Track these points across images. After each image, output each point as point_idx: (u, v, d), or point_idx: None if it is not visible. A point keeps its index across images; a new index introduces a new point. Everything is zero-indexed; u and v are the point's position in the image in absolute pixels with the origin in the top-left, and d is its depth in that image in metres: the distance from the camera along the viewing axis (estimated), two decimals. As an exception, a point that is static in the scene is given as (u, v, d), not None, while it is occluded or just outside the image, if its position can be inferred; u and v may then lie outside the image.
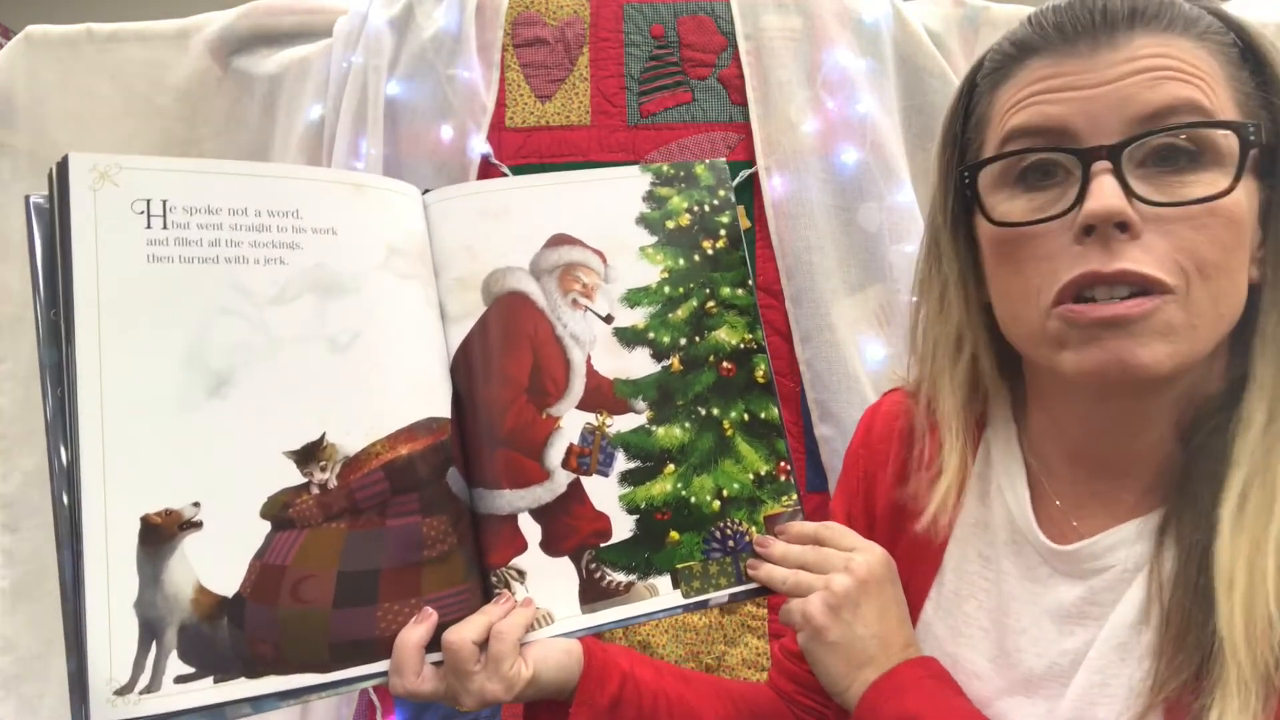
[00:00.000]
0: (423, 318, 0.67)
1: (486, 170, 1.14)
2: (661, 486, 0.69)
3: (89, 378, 0.56)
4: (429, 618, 0.62)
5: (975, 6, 1.21)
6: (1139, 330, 0.54)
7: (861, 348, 1.13)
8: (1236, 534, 0.53)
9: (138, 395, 0.57)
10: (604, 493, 0.68)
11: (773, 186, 1.13)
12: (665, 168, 0.75)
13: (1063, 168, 0.57)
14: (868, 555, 0.65)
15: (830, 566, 0.65)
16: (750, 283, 0.74)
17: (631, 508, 0.68)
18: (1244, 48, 0.57)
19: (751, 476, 0.71)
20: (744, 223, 1.15)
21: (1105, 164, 0.55)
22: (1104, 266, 0.54)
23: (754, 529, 0.70)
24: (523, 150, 1.15)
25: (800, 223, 1.12)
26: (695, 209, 0.74)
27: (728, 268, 0.74)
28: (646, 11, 1.17)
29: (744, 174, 1.14)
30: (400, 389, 0.64)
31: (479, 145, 1.13)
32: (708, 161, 0.76)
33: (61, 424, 0.56)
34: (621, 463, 0.69)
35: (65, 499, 0.55)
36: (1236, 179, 0.53)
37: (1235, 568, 0.53)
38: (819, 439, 1.13)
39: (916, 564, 0.69)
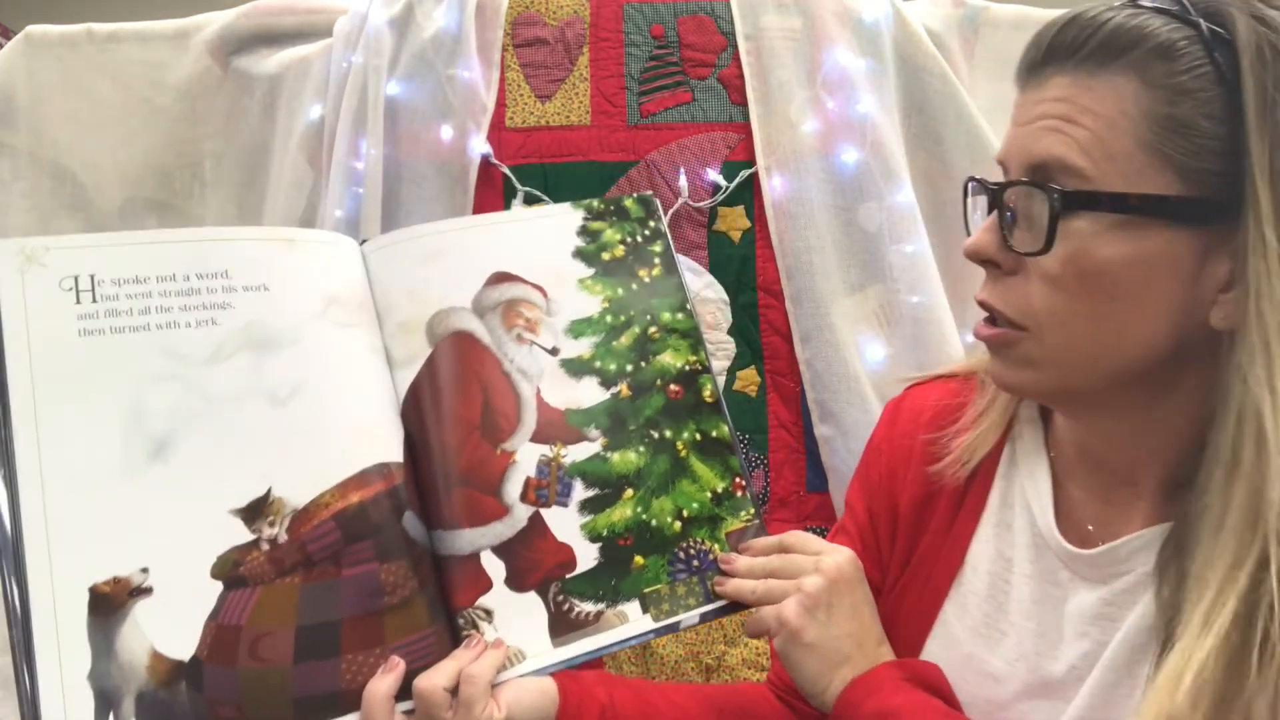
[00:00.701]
0: (366, 364, 0.67)
1: (486, 170, 1.14)
2: (621, 512, 0.69)
3: (27, 453, 0.57)
4: (396, 667, 0.61)
5: (975, 6, 1.21)
6: (1002, 356, 0.60)
7: (861, 348, 1.13)
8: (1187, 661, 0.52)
9: (77, 466, 0.58)
10: (565, 523, 0.68)
11: (773, 186, 1.13)
12: (595, 203, 0.76)
13: None
14: (835, 556, 0.66)
15: (800, 570, 0.65)
16: (689, 306, 0.75)
17: (594, 536, 0.68)
18: (1222, 71, 0.53)
19: (709, 495, 0.72)
20: (744, 223, 1.15)
21: (992, 204, 0.59)
22: (978, 294, 0.60)
23: (716, 546, 0.70)
24: (523, 150, 1.15)
25: (800, 223, 1.12)
26: (628, 240, 0.76)
27: (665, 294, 0.75)
28: (646, 11, 1.17)
29: (744, 174, 1.14)
30: (347, 437, 0.64)
31: (479, 145, 1.13)
32: (635, 195, 0.78)
33: (2, 500, 0.56)
34: (580, 492, 0.69)
35: (13, 575, 0.55)
36: (1049, 240, 0.55)
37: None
38: (819, 439, 1.13)
39: (937, 562, 0.69)
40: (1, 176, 1.17)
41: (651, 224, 0.77)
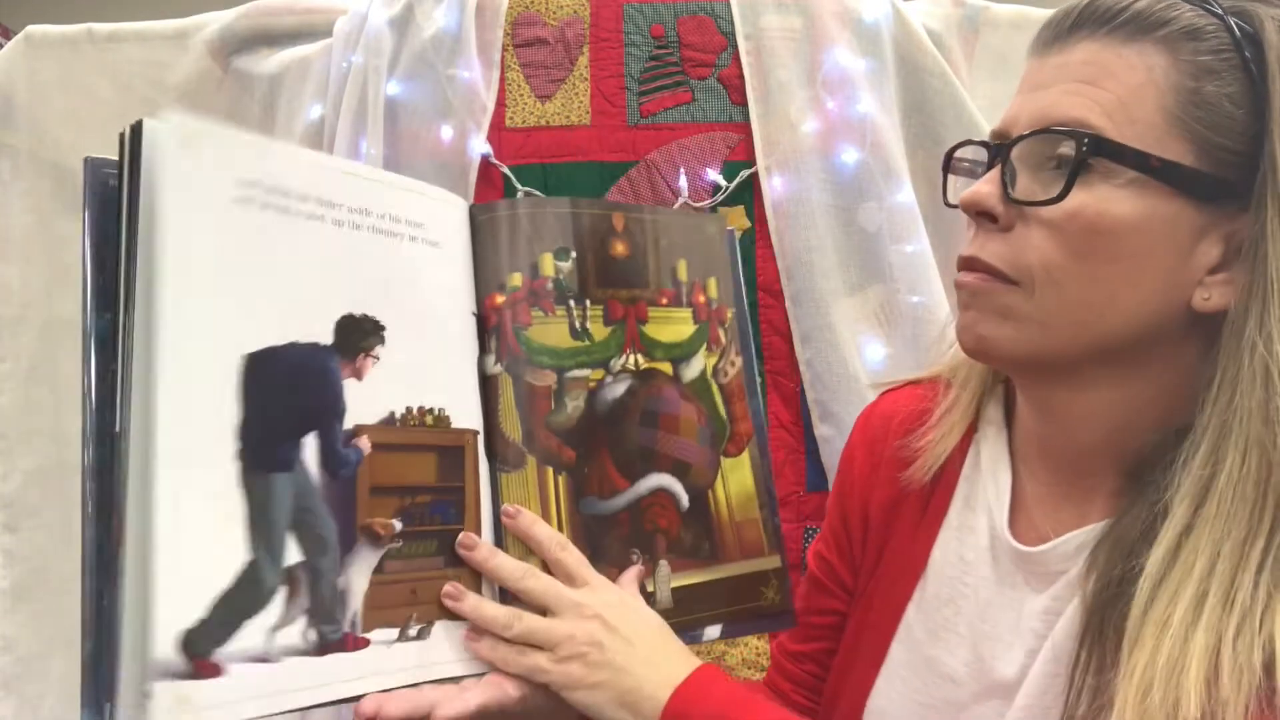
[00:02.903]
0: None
1: (486, 170, 1.14)
2: None
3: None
4: None
5: (975, 6, 1.21)
6: (981, 305, 0.58)
7: (861, 348, 1.13)
8: (1153, 601, 0.52)
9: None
10: None
11: (773, 186, 1.13)
12: None
13: None
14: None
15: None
16: None
17: None
18: (1247, 61, 0.54)
19: None
20: (744, 223, 1.15)
21: (996, 158, 0.58)
22: (964, 250, 0.59)
23: None
24: (522, 150, 1.15)
25: (800, 223, 1.12)
26: None
27: None
28: (646, 11, 1.17)
29: (744, 174, 1.14)
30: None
31: (479, 145, 1.13)
32: None
33: (112, 392, 0.52)
34: None
35: (105, 468, 0.52)
36: (1067, 187, 0.54)
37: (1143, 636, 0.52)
38: (819, 439, 1.13)
39: (903, 566, 0.69)
40: (1, 176, 1.18)
41: None
